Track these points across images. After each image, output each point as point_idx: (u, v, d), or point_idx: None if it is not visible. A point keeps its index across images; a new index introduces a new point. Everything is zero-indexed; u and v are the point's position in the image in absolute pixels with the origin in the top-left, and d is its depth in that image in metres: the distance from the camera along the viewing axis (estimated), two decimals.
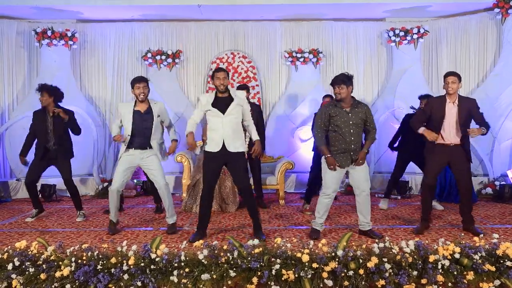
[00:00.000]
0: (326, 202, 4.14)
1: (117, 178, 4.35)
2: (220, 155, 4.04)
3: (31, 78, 7.47)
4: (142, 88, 4.31)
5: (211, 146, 4.08)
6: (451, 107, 4.18)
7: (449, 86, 4.14)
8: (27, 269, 3.17)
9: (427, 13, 7.32)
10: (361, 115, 4.04)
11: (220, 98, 4.10)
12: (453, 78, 4.13)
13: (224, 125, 4.02)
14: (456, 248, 3.15)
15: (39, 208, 5.25)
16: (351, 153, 4.02)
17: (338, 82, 3.97)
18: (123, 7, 6.91)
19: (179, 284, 3.01)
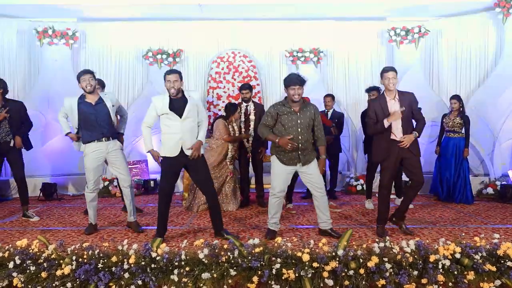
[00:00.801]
0: (274, 202, 4.13)
1: (89, 177, 4.32)
2: (178, 159, 3.98)
3: (32, 77, 7.47)
4: (88, 80, 4.25)
5: (168, 151, 3.98)
6: (393, 103, 4.10)
7: (390, 82, 4.05)
8: (28, 267, 3.18)
9: (428, 13, 7.31)
10: (309, 115, 4.02)
11: (174, 100, 3.97)
12: (393, 73, 4.05)
13: (183, 129, 3.94)
14: (457, 248, 3.15)
15: None
16: (299, 152, 3.99)
17: (298, 83, 3.90)
18: (124, 6, 6.90)
19: (180, 283, 3.02)
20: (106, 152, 4.34)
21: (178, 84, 3.93)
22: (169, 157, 3.98)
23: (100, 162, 4.37)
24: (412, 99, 4.12)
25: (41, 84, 7.25)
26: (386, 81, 4.07)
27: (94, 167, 4.31)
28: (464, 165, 5.88)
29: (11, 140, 5.02)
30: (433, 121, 6.93)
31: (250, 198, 5.92)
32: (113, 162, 4.41)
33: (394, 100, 4.11)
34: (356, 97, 7.71)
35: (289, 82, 3.92)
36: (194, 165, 4.05)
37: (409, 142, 4.00)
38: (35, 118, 6.86)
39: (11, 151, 5.06)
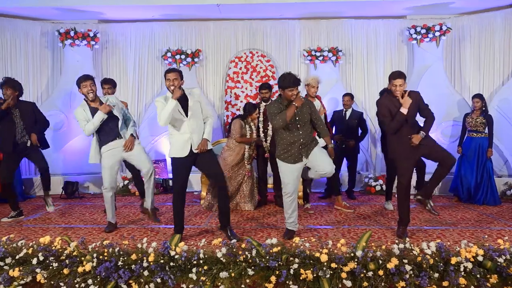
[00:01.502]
0: (288, 201, 4.12)
1: (106, 177, 4.37)
2: (188, 159, 3.98)
3: (54, 77, 7.65)
4: (89, 86, 4.27)
5: (177, 151, 3.98)
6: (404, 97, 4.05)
7: (397, 89, 3.99)
8: (50, 264, 3.24)
9: (449, 10, 7.16)
10: (306, 110, 4.04)
11: (179, 100, 3.95)
12: (401, 81, 3.99)
13: (190, 127, 3.94)
14: (479, 251, 3.08)
15: (18, 210, 5.20)
16: (300, 146, 4.00)
17: (294, 84, 3.88)
18: (144, 7, 6.99)
19: (198, 281, 3.04)
20: (121, 151, 4.38)
21: (177, 83, 3.92)
22: (179, 158, 4.00)
23: (116, 159, 4.39)
24: (418, 97, 4.08)
25: (63, 85, 7.40)
26: (393, 87, 4.04)
27: (110, 165, 4.36)
28: (488, 165, 5.75)
29: (28, 140, 5.14)
30: (455, 120, 6.80)
31: (268, 197, 5.92)
32: (130, 155, 4.43)
33: (401, 99, 4.07)
34: (375, 96, 7.60)
35: (288, 84, 3.89)
36: (203, 160, 4.06)
37: (417, 141, 3.97)
38: (57, 118, 7.06)
39: (30, 151, 5.19)
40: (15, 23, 7.32)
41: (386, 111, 4.10)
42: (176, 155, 3.99)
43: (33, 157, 5.28)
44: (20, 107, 5.14)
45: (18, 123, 5.09)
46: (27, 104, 5.27)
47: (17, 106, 5.11)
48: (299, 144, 4.00)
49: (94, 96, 4.31)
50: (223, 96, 7.66)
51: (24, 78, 7.42)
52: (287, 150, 4.03)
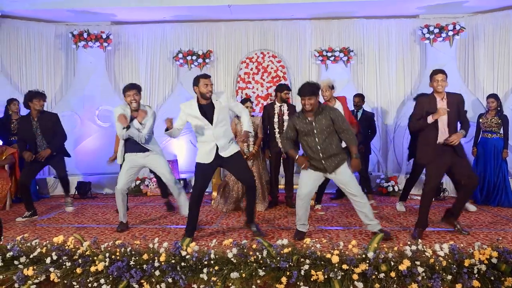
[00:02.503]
0: (300, 204, 4.08)
1: (121, 178, 4.42)
2: (213, 163, 4.02)
3: (68, 79, 7.75)
4: (132, 95, 4.28)
5: (202, 157, 4.03)
6: (441, 103, 4.02)
7: (439, 84, 3.97)
8: (64, 263, 3.28)
9: (463, 9, 7.07)
10: (325, 121, 3.89)
11: (204, 106, 3.97)
12: (443, 76, 3.97)
13: (216, 135, 3.95)
14: (494, 253, 3.03)
15: (33, 211, 5.25)
16: (323, 161, 3.91)
17: (309, 93, 3.82)
18: (155, 9, 7.04)
19: (209, 281, 3.05)
20: (142, 158, 4.45)
21: (212, 88, 3.98)
22: (203, 163, 4.03)
23: (134, 166, 4.47)
24: (459, 100, 4.05)
25: (76, 86, 7.51)
26: (435, 83, 4.01)
27: (127, 169, 4.42)
28: (503, 166, 5.66)
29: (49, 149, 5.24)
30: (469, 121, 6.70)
31: (279, 198, 5.91)
32: (152, 166, 4.54)
33: (442, 100, 4.04)
34: (387, 97, 7.57)
35: (299, 92, 3.89)
36: (230, 163, 4.09)
37: (457, 139, 3.91)
38: (70, 119, 7.16)
39: (54, 161, 5.36)
40: (30, 25, 7.45)
41: (420, 111, 4.08)
42: (201, 160, 4.04)
43: (56, 165, 5.44)
44: (42, 118, 5.24)
45: (39, 133, 5.20)
46: (50, 115, 5.37)
47: (39, 117, 5.22)
48: (321, 158, 3.91)
49: (137, 106, 4.33)
50: (234, 97, 7.67)
51: (38, 79, 7.56)
52: (310, 158, 3.98)
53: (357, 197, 3.98)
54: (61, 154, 5.47)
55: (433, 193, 4.15)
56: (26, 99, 5.20)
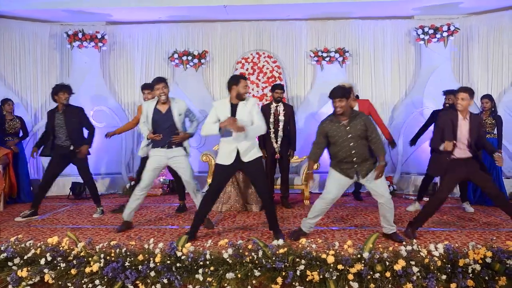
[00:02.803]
0: (320, 205, 4.05)
1: (145, 177, 4.43)
2: (232, 166, 3.99)
3: (63, 79, 7.68)
4: (161, 89, 4.31)
5: (222, 159, 4.00)
6: (463, 123, 4.06)
7: (458, 103, 4.02)
8: (58, 264, 3.26)
9: (457, 10, 7.11)
10: (360, 127, 3.86)
11: (233, 106, 3.96)
12: (464, 95, 3.99)
13: (237, 137, 3.91)
14: (488, 252, 3.05)
15: (34, 210, 5.26)
16: (355, 165, 3.89)
17: (339, 95, 3.80)
18: (151, 9, 7.03)
19: (204, 282, 3.05)
20: (166, 159, 4.44)
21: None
22: (223, 165, 4.00)
23: (159, 166, 4.46)
24: (480, 122, 4.13)
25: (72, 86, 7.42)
26: (455, 100, 4.08)
27: (151, 169, 4.42)
28: (497, 167, 5.69)
29: (70, 145, 5.15)
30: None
31: (274, 198, 5.90)
32: (176, 168, 4.51)
33: (465, 120, 4.07)
34: (382, 97, 7.60)
35: (330, 95, 3.86)
36: (250, 169, 4.03)
37: (502, 162, 4.06)
38: None
39: (76, 159, 5.21)
40: (24, 25, 7.41)
41: (441, 125, 4.12)
42: (221, 161, 4.01)
43: (78, 165, 5.27)
44: (67, 111, 5.17)
45: (62, 126, 5.13)
46: (75, 109, 5.27)
47: (64, 110, 5.17)
48: (354, 163, 3.87)
49: (166, 99, 4.36)
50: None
51: (32, 80, 7.52)
52: (342, 165, 3.94)
53: (385, 201, 3.95)
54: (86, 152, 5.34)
55: (440, 204, 4.19)
56: (53, 92, 5.18)
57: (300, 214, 5.33)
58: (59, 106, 5.17)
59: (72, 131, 5.14)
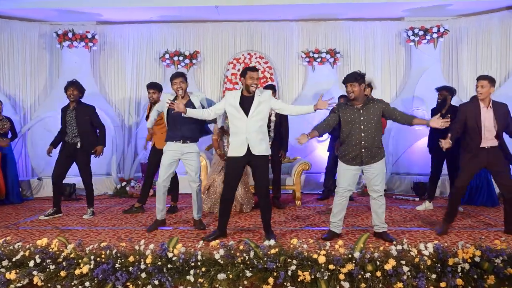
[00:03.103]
0: (337, 200, 4.10)
1: (161, 173, 4.46)
2: (243, 158, 4.01)
3: (52, 79, 7.64)
4: (179, 83, 4.34)
5: (233, 151, 4.02)
6: (485, 111, 4.10)
7: (477, 90, 4.08)
8: (47, 266, 3.23)
9: (447, 12, 7.19)
10: (373, 110, 3.94)
11: (245, 98, 4.00)
12: (483, 82, 4.06)
13: (248, 129, 3.94)
14: (477, 252, 3.08)
15: (57, 208, 5.31)
16: (363, 150, 3.94)
17: (351, 80, 3.91)
18: (142, 9, 6.99)
19: (196, 283, 3.03)
20: (181, 154, 4.46)
21: (258, 82, 4.01)
22: (235, 157, 4.01)
23: (174, 160, 4.49)
24: (506, 110, 4.13)
25: (61, 86, 7.27)
26: (476, 88, 4.12)
27: (167, 164, 4.45)
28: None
29: (78, 142, 5.16)
30: None
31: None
32: (186, 163, 4.52)
33: (487, 109, 4.11)
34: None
35: (343, 80, 3.98)
36: (256, 164, 4.06)
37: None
38: (54, 120, 7.01)
39: (79, 155, 5.19)
40: (13, 25, 7.32)
41: (462, 117, 4.16)
42: (233, 154, 4.03)
43: (81, 164, 5.24)
44: (78, 109, 5.18)
45: (72, 124, 5.14)
46: (87, 108, 5.27)
47: (75, 107, 5.18)
48: (362, 147, 3.93)
49: (183, 93, 4.40)
50: (221, 98, 7.65)
51: (21, 79, 7.44)
52: (348, 152, 3.99)
53: (378, 196, 4.04)
54: (90, 150, 5.27)
55: (463, 192, 4.34)
56: (64, 89, 5.22)
57: (293, 214, 5.34)
58: (70, 103, 5.20)
59: (82, 129, 5.15)
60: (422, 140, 6.79)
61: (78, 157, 5.20)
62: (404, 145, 7.00)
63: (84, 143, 5.17)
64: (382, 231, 4.10)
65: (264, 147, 4.02)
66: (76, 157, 5.21)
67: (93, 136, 5.30)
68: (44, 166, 7.04)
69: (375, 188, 4.03)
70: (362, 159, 3.96)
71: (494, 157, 4.12)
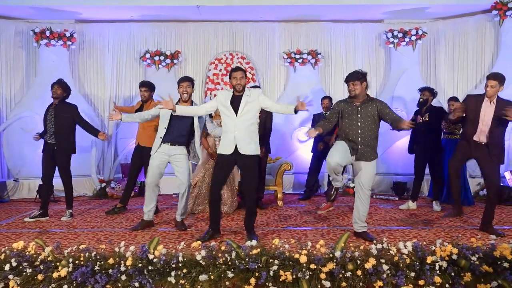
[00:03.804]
0: (329, 171, 4.15)
1: (150, 174, 4.47)
2: (231, 157, 4.03)
3: (29, 78, 7.46)
4: (185, 87, 4.38)
5: (222, 148, 4.06)
6: (487, 106, 4.23)
7: (487, 88, 4.20)
8: (24, 269, 3.16)
9: (425, 15, 7.34)
10: (371, 109, 4.05)
11: (235, 97, 4.05)
12: (493, 82, 4.17)
13: (237, 127, 3.98)
14: (454, 249, 3.15)
15: (43, 211, 5.22)
16: (358, 146, 4.03)
17: (353, 78, 4.04)
18: (122, 8, 6.91)
19: (177, 284, 3.01)
20: (168, 156, 4.46)
21: (244, 81, 4.03)
22: (223, 154, 4.04)
23: (161, 162, 4.47)
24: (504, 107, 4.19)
25: (38, 85, 7.22)
26: (486, 88, 4.23)
27: (156, 165, 4.45)
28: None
29: (54, 143, 5.07)
30: None
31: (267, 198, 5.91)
32: (175, 165, 4.51)
33: (490, 104, 4.22)
34: None
35: (345, 79, 4.12)
36: (244, 163, 4.06)
37: None
38: (31, 119, 6.89)
39: (57, 156, 5.10)
40: None
41: (463, 106, 4.38)
42: (221, 151, 4.07)
43: (61, 164, 5.14)
44: (59, 108, 5.08)
45: (52, 121, 5.06)
46: (68, 107, 5.15)
47: (56, 106, 5.09)
48: (359, 144, 4.04)
49: (188, 97, 4.43)
50: (203, 98, 7.63)
51: None
52: (347, 140, 4.09)
53: (364, 192, 4.11)
54: (68, 150, 5.16)
55: (457, 175, 4.54)
56: (51, 87, 5.14)
57: (275, 214, 5.35)
58: (54, 101, 5.12)
59: (58, 127, 5.06)
60: (401, 140, 6.92)
61: (56, 158, 5.12)
62: (384, 145, 7.09)
63: (61, 142, 5.06)
64: (362, 230, 4.15)
65: (253, 147, 4.04)
66: (55, 157, 5.12)
67: (71, 137, 5.20)
68: (20, 167, 6.88)
69: (362, 184, 4.11)
70: (358, 152, 4.06)
71: (483, 155, 4.24)
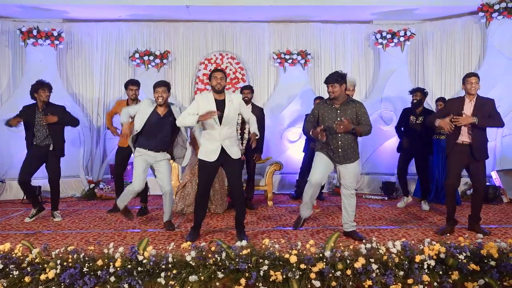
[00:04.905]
0: (308, 192, 4.20)
1: (136, 179, 4.40)
2: (216, 162, 4.03)
3: (15, 78, 7.36)
4: (160, 92, 4.32)
5: (206, 155, 4.02)
6: (468, 105, 4.27)
7: (472, 86, 4.23)
8: (11, 272, 3.12)
9: (413, 16, 7.41)
10: (350, 112, 4.07)
11: (218, 101, 3.99)
12: (476, 78, 4.24)
13: (222, 136, 3.98)
14: (442, 248, 3.19)
15: (39, 206, 5.21)
16: (339, 149, 4.05)
17: (331, 80, 4.03)
18: (111, 7, 6.84)
19: (167, 286, 3.00)
20: (153, 161, 4.44)
21: (224, 82, 4.00)
22: (207, 161, 4.01)
23: (146, 164, 4.45)
24: (490, 104, 4.25)
25: (25, 85, 7.05)
26: (468, 85, 4.24)
27: (142, 170, 4.40)
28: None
29: (50, 144, 5.01)
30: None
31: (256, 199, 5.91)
32: (157, 170, 4.51)
33: (471, 102, 4.25)
34: None
35: (325, 80, 4.10)
36: (229, 166, 4.07)
37: (463, 121, 4.13)
38: None
39: (50, 158, 5.05)
40: None
41: (445, 110, 4.37)
42: (204, 158, 4.02)
43: (52, 165, 5.09)
44: (48, 110, 4.99)
45: (42, 125, 4.96)
46: (56, 108, 5.08)
47: (44, 109, 4.99)
48: (338, 147, 4.04)
49: (163, 102, 4.36)
50: (193, 98, 7.60)
51: None
52: (326, 146, 4.10)
53: (349, 194, 4.14)
54: (62, 151, 5.16)
55: (453, 189, 4.39)
56: (32, 90, 5.00)
57: (265, 214, 5.36)
58: (39, 104, 5.01)
59: (53, 130, 5.00)
60: (390, 140, 6.98)
61: (50, 160, 5.07)
62: (372, 145, 7.15)
63: (57, 144, 5.05)
64: (351, 230, 4.18)
65: (236, 150, 4.07)
66: (47, 159, 5.07)
67: (63, 138, 5.18)
68: (7, 168, 6.78)
69: (347, 186, 4.14)
70: (339, 158, 4.07)
71: (469, 155, 4.25)
